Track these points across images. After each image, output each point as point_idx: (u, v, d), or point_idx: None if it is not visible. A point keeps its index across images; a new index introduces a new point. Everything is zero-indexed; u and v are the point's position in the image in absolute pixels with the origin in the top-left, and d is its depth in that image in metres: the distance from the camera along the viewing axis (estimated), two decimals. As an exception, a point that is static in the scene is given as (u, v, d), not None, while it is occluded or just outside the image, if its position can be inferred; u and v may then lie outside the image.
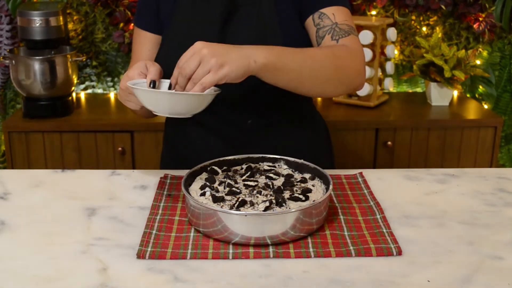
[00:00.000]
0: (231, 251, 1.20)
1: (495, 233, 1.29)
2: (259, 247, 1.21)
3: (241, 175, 1.40)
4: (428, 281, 1.10)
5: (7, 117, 3.10)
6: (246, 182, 1.35)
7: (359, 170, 1.60)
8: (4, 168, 3.04)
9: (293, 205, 1.25)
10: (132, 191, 1.51)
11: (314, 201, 1.27)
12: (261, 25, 1.54)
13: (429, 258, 1.18)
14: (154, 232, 1.27)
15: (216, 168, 1.43)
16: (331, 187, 1.30)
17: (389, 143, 2.69)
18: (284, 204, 1.25)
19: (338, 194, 1.47)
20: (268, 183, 1.34)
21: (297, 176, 1.41)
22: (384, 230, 1.28)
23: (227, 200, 1.28)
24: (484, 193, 1.49)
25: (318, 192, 1.33)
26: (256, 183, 1.34)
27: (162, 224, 1.31)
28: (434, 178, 1.58)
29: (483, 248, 1.22)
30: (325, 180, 1.36)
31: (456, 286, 1.09)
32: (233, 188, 1.32)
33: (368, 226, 1.30)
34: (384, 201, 1.43)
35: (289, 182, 1.35)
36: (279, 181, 1.36)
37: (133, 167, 2.68)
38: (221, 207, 1.25)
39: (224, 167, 1.44)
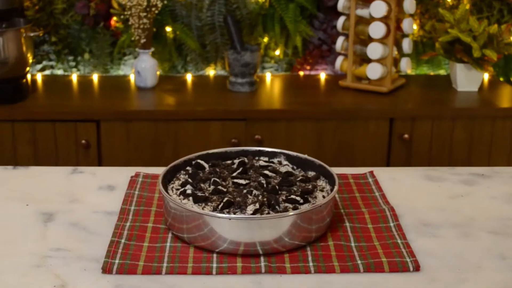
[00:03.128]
0: (214, 265, 1.19)
1: (531, 244, 1.29)
2: (248, 260, 1.20)
3: (232, 172, 1.40)
4: (451, 301, 1.11)
5: None
6: (235, 180, 1.35)
7: (370, 169, 1.60)
8: None
9: (290, 209, 1.25)
10: (97, 192, 1.50)
11: (314, 204, 1.26)
12: None
13: (452, 274, 1.18)
14: (123, 241, 1.27)
15: (202, 162, 1.43)
16: (336, 188, 1.30)
17: (406, 136, 2.70)
18: (277, 207, 1.25)
19: (344, 197, 1.46)
20: (262, 181, 1.34)
21: (298, 174, 1.41)
22: (399, 241, 1.28)
23: (211, 200, 1.28)
24: (518, 196, 1.50)
25: (320, 193, 1.32)
26: (247, 181, 1.34)
27: (132, 232, 1.30)
28: (459, 178, 1.58)
29: (517, 262, 1.23)
30: (330, 180, 1.36)
31: (484, 308, 1.09)
32: (219, 187, 1.32)
33: (379, 235, 1.30)
34: (399, 206, 1.43)
35: (287, 181, 1.35)
36: (275, 180, 1.36)
37: (99, 164, 2.67)
38: (203, 208, 1.25)
39: (212, 161, 1.44)
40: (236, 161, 1.45)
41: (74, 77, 3.05)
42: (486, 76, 3.06)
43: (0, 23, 2.74)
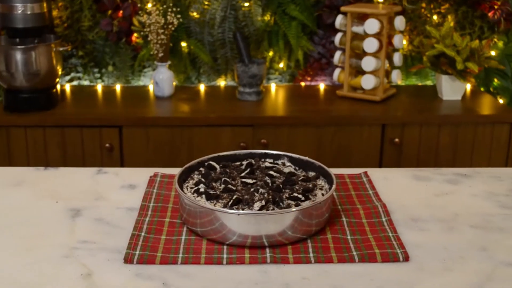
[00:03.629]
0: (225, 255, 1.19)
1: (510, 237, 1.29)
2: (255, 251, 1.20)
3: (240, 172, 1.40)
4: (437, 289, 1.10)
5: (-14, 110, 3.09)
6: (244, 180, 1.35)
7: (364, 169, 1.60)
8: (-17, 165, 3.03)
9: (292, 205, 1.25)
10: (119, 190, 1.50)
11: (314, 201, 1.26)
12: None
13: (438, 264, 1.18)
14: (143, 234, 1.27)
15: (214, 163, 1.43)
16: (334, 186, 1.30)
17: (397, 140, 2.69)
18: (281, 204, 1.25)
19: (341, 195, 1.46)
20: (268, 181, 1.34)
21: (300, 174, 1.41)
22: (390, 234, 1.27)
23: (222, 198, 1.28)
24: (498, 194, 1.49)
25: (320, 191, 1.32)
26: (254, 181, 1.34)
27: (151, 226, 1.30)
28: (444, 178, 1.58)
29: (497, 254, 1.22)
30: (329, 180, 1.36)
31: (467, 295, 1.09)
32: (229, 186, 1.32)
33: (372, 229, 1.30)
34: (390, 203, 1.43)
35: (290, 180, 1.35)
36: (279, 179, 1.36)
37: (122, 165, 2.67)
38: (214, 205, 1.25)
39: (223, 163, 1.45)
40: (244, 162, 1.45)
41: (99, 87, 3.06)
42: (468, 87, 3.05)
43: (32, 39, 2.75)
